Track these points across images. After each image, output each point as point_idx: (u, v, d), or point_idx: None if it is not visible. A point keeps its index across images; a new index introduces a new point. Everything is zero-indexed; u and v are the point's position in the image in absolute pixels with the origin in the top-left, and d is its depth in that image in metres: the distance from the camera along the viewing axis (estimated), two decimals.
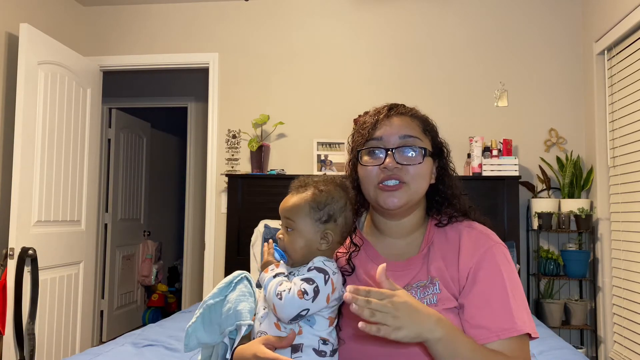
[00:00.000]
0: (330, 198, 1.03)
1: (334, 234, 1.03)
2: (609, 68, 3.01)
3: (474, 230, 1.07)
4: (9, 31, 3.07)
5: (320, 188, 1.05)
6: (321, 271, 0.97)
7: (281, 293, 0.94)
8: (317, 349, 0.97)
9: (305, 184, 1.07)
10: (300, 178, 1.10)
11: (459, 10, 3.47)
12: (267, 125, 3.53)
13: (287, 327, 0.98)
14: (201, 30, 3.72)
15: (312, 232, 1.02)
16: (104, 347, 1.84)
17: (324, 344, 0.97)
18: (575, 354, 1.91)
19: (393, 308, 0.83)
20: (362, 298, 0.83)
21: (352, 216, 1.07)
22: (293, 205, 1.03)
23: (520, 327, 0.95)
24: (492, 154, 3.16)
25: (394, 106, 1.10)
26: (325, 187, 1.05)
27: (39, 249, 2.94)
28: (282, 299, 0.93)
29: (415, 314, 0.85)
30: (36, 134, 2.99)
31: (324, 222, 1.02)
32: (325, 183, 1.06)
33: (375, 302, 0.83)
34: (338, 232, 1.04)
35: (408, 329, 0.83)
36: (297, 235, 1.02)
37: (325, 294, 0.95)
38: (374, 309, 0.82)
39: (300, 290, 0.94)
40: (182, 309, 4.16)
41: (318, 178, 1.09)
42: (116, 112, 4.71)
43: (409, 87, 3.46)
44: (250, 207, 3.28)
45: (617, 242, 2.89)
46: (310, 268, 0.98)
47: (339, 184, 1.07)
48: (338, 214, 1.03)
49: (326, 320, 0.99)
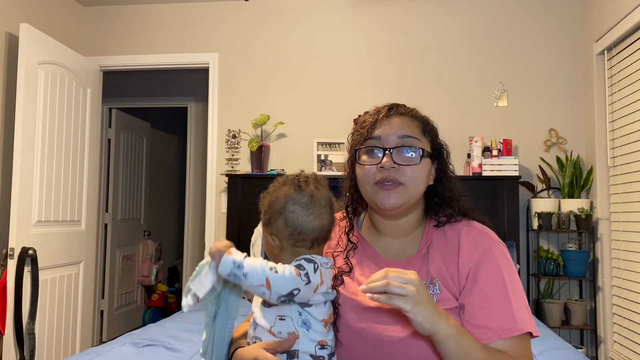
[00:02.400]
0: (274, 199, 1.01)
1: (278, 235, 1.00)
2: (609, 68, 3.01)
3: (473, 229, 1.07)
4: (9, 31, 3.07)
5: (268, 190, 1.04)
6: (310, 261, 0.96)
7: (275, 267, 0.92)
8: (314, 355, 0.95)
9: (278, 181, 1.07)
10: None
11: (459, 10, 3.47)
12: (267, 125, 3.53)
13: (282, 332, 0.95)
14: (201, 30, 3.72)
15: (272, 237, 1.02)
16: (104, 347, 1.84)
17: (321, 348, 0.96)
18: (575, 354, 1.91)
19: (415, 286, 0.85)
20: (378, 283, 0.85)
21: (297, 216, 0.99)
22: (261, 207, 1.05)
23: (522, 327, 0.95)
24: (492, 154, 3.16)
25: (395, 106, 1.10)
26: (271, 188, 1.04)
27: (39, 249, 2.93)
28: (278, 272, 0.91)
29: (432, 303, 0.88)
30: (36, 134, 2.99)
31: (266, 225, 1.02)
32: (275, 183, 1.05)
33: (395, 284, 0.84)
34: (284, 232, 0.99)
35: (426, 308, 0.85)
36: (265, 240, 1.03)
37: (315, 283, 0.94)
38: (394, 287, 0.84)
39: (295, 267, 0.93)
40: (181, 309, 4.16)
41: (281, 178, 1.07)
42: (116, 112, 4.71)
43: (409, 87, 3.46)
44: (250, 207, 3.28)
45: (617, 242, 2.89)
46: (298, 259, 0.97)
47: (285, 181, 1.03)
48: (276, 214, 1.00)
49: (320, 322, 0.97)
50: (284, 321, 0.95)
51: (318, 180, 1.03)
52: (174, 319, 2.41)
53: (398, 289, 0.84)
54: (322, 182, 1.04)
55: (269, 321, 0.96)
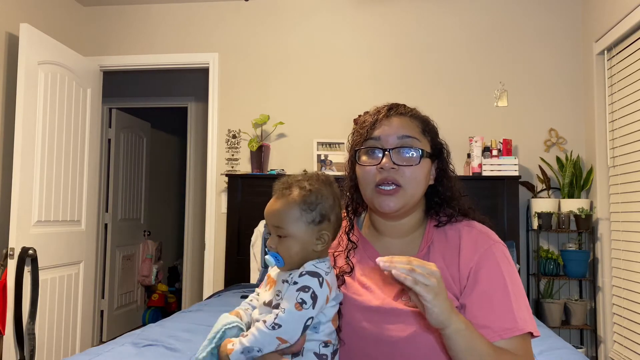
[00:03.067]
0: (320, 196, 0.98)
1: (329, 233, 1.00)
2: (609, 68, 3.01)
3: (473, 229, 1.07)
4: (9, 31, 3.07)
5: (306, 187, 0.98)
6: (314, 275, 0.93)
7: (273, 321, 0.90)
8: (318, 353, 0.95)
9: (289, 184, 1.00)
10: (281, 179, 1.03)
11: (459, 10, 3.47)
12: (267, 125, 3.53)
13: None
14: (201, 30, 3.72)
15: (307, 235, 0.97)
16: (104, 347, 1.84)
17: (325, 346, 0.96)
18: (575, 354, 1.91)
19: (437, 278, 0.85)
20: (402, 266, 0.84)
21: (340, 211, 1.05)
22: (280, 210, 0.97)
23: (522, 327, 0.95)
24: (492, 154, 3.16)
25: (395, 106, 1.09)
26: (312, 186, 0.99)
27: (39, 249, 2.93)
28: (282, 323, 0.89)
29: (447, 297, 0.87)
30: (36, 134, 2.99)
31: (317, 223, 0.98)
32: (309, 181, 1.00)
33: (419, 272, 0.83)
34: (332, 230, 1.01)
35: (444, 301, 0.85)
36: (290, 241, 0.96)
37: (323, 297, 0.93)
38: (418, 274, 0.83)
39: (297, 302, 0.90)
40: (182, 309, 4.16)
41: (300, 176, 1.02)
42: (116, 112, 4.71)
43: (409, 87, 3.46)
44: (250, 207, 3.28)
45: (617, 242, 2.89)
46: (302, 273, 0.94)
47: (323, 180, 1.02)
48: (330, 212, 1.00)
49: (329, 323, 0.97)
50: None
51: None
52: (174, 319, 2.41)
53: (422, 277, 0.83)
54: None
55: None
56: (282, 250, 0.97)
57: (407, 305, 0.99)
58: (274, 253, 0.97)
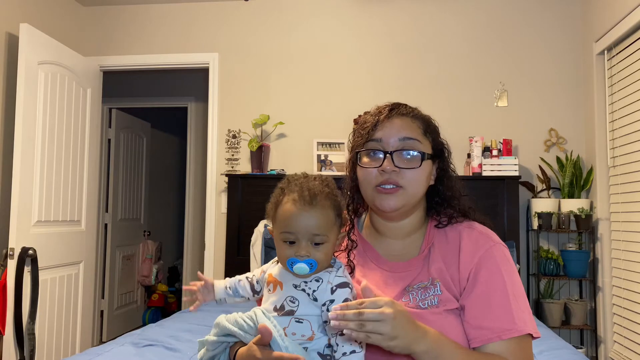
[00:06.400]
0: (341, 199, 1.02)
1: (344, 233, 1.04)
2: (609, 68, 3.01)
3: (474, 230, 1.07)
4: (9, 31, 3.07)
5: (333, 192, 0.99)
6: (344, 285, 0.96)
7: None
8: (322, 353, 0.95)
9: (313, 192, 0.96)
10: (290, 186, 0.99)
11: (459, 10, 3.47)
12: (267, 125, 3.53)
13: (297, 334, 0.95)
14: (201, 30, 3.72)
15: (336, 237, 1.00)
16: (104, 347, 1.84)
17: (328, 346, 0.96)
18: (575, 354, 1.91)
19: (390, 316, 0.82)
20: (351, 311, 0.82)
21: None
22: (320, 219, 0.96)
23: (521, 328, 0.95)
24: (492, 154, 3.16)
25: (396, 106, 1.09)
26: (332, 189, 1.00)
27: (39, 249, 2.93)
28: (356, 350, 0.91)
29: (409, 324, 0.85)
30: (36, 134, 2.99)
31: (340, 225, 1.01)
32: (326, 185, 1.00)
33: (369, 311, 0.81)
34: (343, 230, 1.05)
35: (401, 338, 0.83)
36: (328, 246, 0.97)
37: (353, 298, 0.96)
38: (366, 320, 0.81)
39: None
40: (182, 309, 4.16)
41: (316, 180, 1.00)
42: (116, 112, 4.71)
43: (409, 87, 3.46)
44: (250, 207, 3.28)
45: (617, 242, 2.89)
46: (332, 289, 0.95)
47: (330, 181, 1.03)
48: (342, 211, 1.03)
49: None
50: (301, 324, 0.95)
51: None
52: (174, 319, 2.41)
53: (372, 325, 0.81)
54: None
55: (282, 322, 0.96)
56: (319, 257, 0.95)
57: (408, 306, 0.99)
58: (308, 260, 0.94)
